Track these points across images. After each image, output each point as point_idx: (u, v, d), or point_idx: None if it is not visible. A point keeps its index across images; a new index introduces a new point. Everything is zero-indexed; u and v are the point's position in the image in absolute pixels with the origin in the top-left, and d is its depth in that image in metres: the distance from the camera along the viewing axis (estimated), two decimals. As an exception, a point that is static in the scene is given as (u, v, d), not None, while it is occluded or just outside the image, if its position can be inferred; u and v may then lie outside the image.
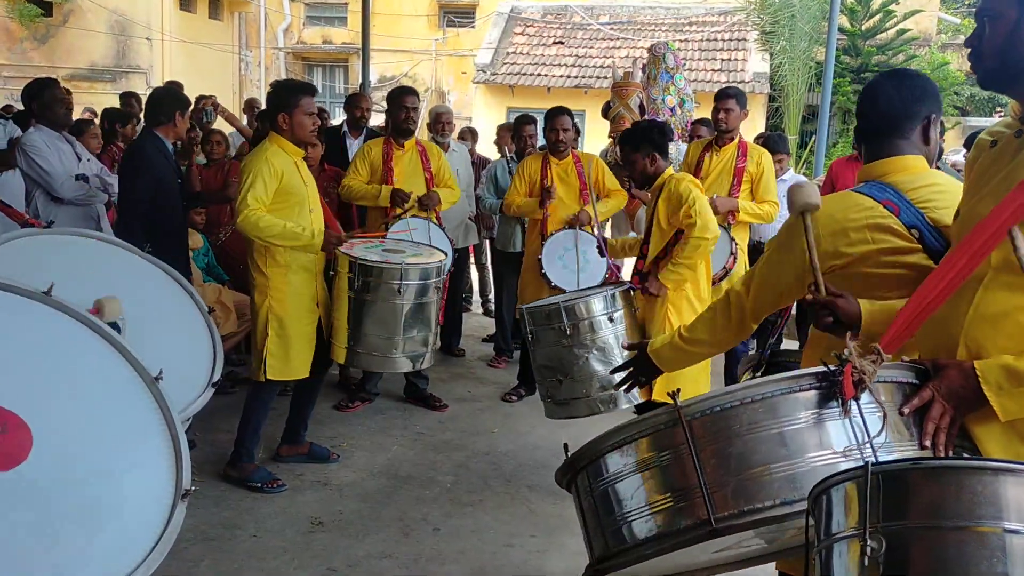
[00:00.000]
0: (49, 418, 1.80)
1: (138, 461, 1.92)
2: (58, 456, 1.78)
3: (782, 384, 1.64)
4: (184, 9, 18.89)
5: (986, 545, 1.20)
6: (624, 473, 1.76)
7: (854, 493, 1.32)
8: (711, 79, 16.27)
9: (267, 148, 3.88)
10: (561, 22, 19.41)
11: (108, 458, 1.88)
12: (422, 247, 4.46)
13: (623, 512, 1.75)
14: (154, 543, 1.79)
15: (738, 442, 1.63)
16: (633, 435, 1.74)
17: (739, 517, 1.60)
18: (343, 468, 4.30)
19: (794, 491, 1.58)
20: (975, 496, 1.22)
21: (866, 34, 16.61)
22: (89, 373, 1.99)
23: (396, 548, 3.49)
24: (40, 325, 1.97)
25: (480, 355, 6.63)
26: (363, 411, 5.17)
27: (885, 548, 1.24)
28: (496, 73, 17.52)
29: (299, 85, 4.08)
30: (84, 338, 2.01)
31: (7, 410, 1.75)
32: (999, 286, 1.71)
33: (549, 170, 5.31)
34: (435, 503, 3.94)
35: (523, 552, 3.51)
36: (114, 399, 1.98)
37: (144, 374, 2.01)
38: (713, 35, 18.25)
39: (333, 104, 19.11)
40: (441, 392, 5.46)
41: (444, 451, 4.61)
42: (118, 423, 1.96)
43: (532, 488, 4.14)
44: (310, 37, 21.43)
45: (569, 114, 5.32)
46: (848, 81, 16.41)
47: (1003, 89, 1.80)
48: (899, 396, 1.68)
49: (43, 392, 1.85)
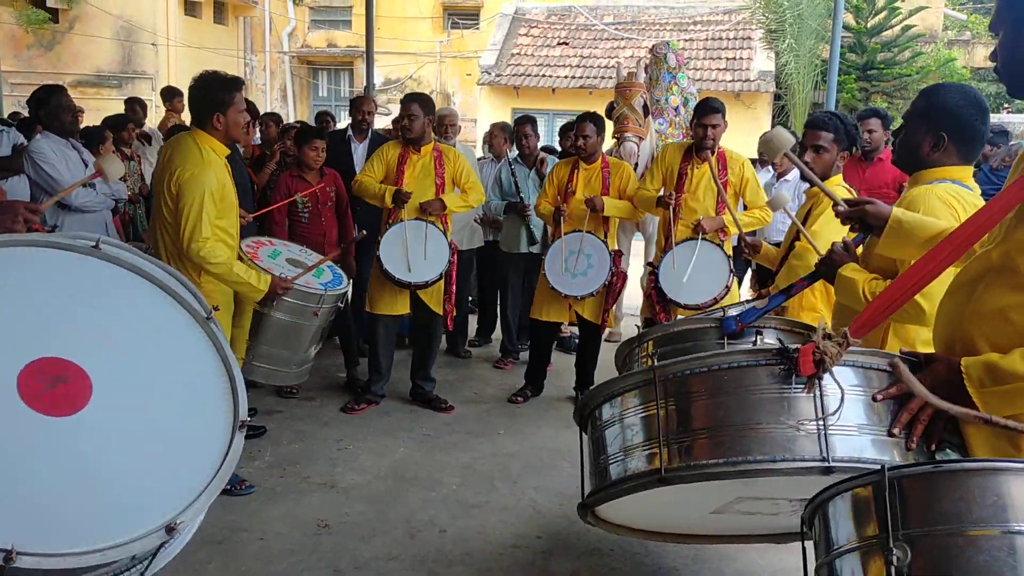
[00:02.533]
0: (107, 366, 1.88)
1: (195, 397, 2.01)
2: (118, 400, 1.87)
3: (751, 355, 1.77)
4: (189, 14, 18.97)
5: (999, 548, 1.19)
6: (611, 422, 2.00)
7: (860, 500, 1.32)
8: (716, 78, 16.26)
9: (204, 156, 3.60)
10: (565, 23, 19.40)
11: (166, 397, 1.97)
12: (314, 258, 4.45)
13: (607, 455, 2.00)
14: (215, 471, 1.89)
15: (701, 404, 1.79)
16: (619, 388, 1.99)
17: (686, 470, 1.76)
18: (349, 470, 4.31)
19: (740, 453, 1.71)
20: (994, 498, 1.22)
21: (872, 31, 16.55)
22: (144, 319, 2.07)
23: (402, 550, 3.50)
24: (93, 278, 2.05)
25: (486, 357, 6.63)
26: (369, 413, 5.18)
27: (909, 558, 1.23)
28: (500, 74, 17.53)
29: (230, 80, 3.77)
30: (136, 285, 2.09)
31: (68, 360, 1.84)
32: (997, 284, 1.72)
33: (576, 175, 5.35)
34: (441, 505, 3.95)
35: (529, 553, 3.51)
36: (169, 341, 2.07)
37: (196, 314, 2.10)
38: (718, 34, 18.22)
39: (338, 107, 19.15)
40: (447, 394, 5.47)
41: (450, 453, 4.62)
42: (174, 363, 2.04)
43: (538, 489, 4.14)
44: (315, 41, 21.48)
45: (594, 120, 5.33)
46: (854, 79, 16.37)
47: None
48: (884, 384, 1.72)
49: (100, 342, 1.93)
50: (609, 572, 3.37)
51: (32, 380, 1.78)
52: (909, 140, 2.53)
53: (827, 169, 3.61)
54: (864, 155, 6.09)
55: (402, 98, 5.25)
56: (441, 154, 5.15)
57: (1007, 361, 1.63)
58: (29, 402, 1.75)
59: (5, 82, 12.49)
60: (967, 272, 1.77)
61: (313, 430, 4.86)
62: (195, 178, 3.54)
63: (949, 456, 1.65)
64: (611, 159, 5.56)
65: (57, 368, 1.82)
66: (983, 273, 1.75)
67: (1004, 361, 1.64)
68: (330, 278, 4.30)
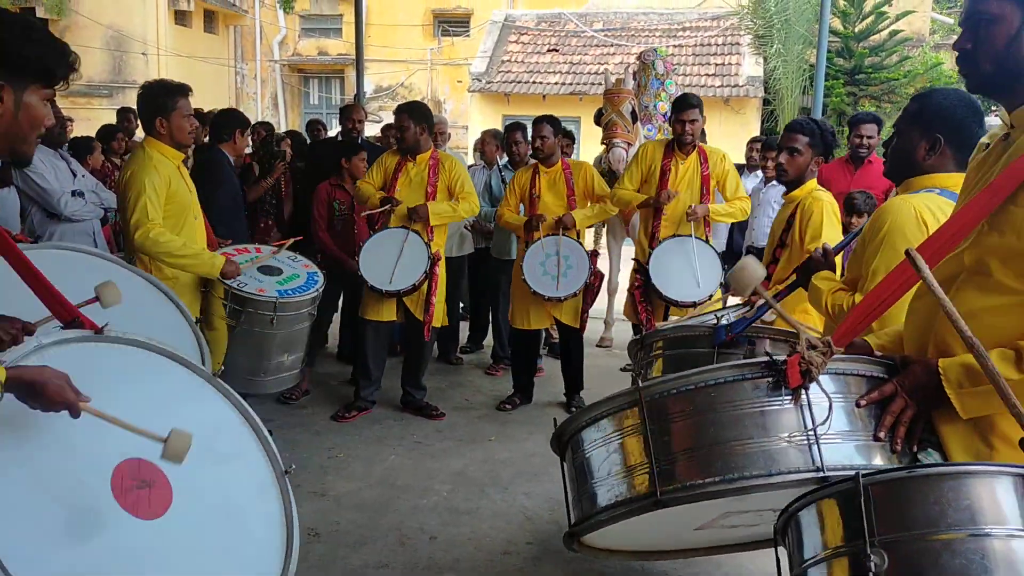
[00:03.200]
0: (190, 484, 1.92)
1: (255, 543, 2.05)
2: (190, 514, 1.90)
3: (735, 371, 1.74)
4: (179, 23, 18.97)
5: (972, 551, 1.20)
6: (595, 446, 1.94)
7: (834, 507, 1.33)
8: (705, 84, 16.32)
9: (151, 156, 3.72)
10: (555, 29, 19.44)
11: (230, 533, 2.00)
12: (298, 263, 4.41)
13: (593, 481, 1.93)
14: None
15: (690, 422, 1.75)
16: (603, 412, 1.92)
17: (682, 491, 1.72)
18: (340, 478, 4.32)
19: (734, 470, 1.68)
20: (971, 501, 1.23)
21: (859, 36, 16.62)
22: (233, 455, 2.13)
23: (393, 557, 3.51)
24: (203, 403, 2.14)
25: (478, 363, 6.65)
26: (360, 421, 5.19)
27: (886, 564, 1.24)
28: (491, 81, 17.56)
29: (174, 87, 3.86)
30: (236, 424, 2.18)
31: (156, 466, 1.88)
32: (970, 287, 1.74)
33: (538, 179, 5.36)
34: (432, 512, 3.96)
35: (520, 559, 3.53)
36: (247, 482, 2.12)
37: (277, 468, 2.16)
38: (707, 40, 18.29)
39: (330, 115, 19.15)
40: (439, 400, 5.48)
41: (441, 460, 4.63)
42: (246, 505, 2.08)
43: (529, 496, 4.16)
44: (305, 49, 21.50)
45: (550, 123, 5.35)
46: (842, 83, 16.43)
47: (994, 94, 1.81)
48: (865, 388, 1.73)
49: (191, 461, 1.95)
50: (599, 577, 3.39)
51: (125, 477, 1.83)
52: (902, 146, 2.50)
53: (801, 171, 3.72)
54: (853, 158, 6.12)
55: (396, 108, 5.28)
56: (438, 162, 5.17)
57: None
58: (118, 496, 1.79)
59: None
60: (938, 275, 1.79)
61: (305, 439, 4.87)
62: (135, 174, 3.64)
63: (932, 455, 1.67)
64: (571, 160, 5.60)
65: (147, 471, 1.87)
66: (955, 276, 1.77)
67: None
68: (300, 284, 4.21)
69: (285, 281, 4.17)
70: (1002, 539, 1.21)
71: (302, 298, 4.11)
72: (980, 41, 1.74)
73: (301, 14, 21.05)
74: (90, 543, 1.72)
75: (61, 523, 1.70)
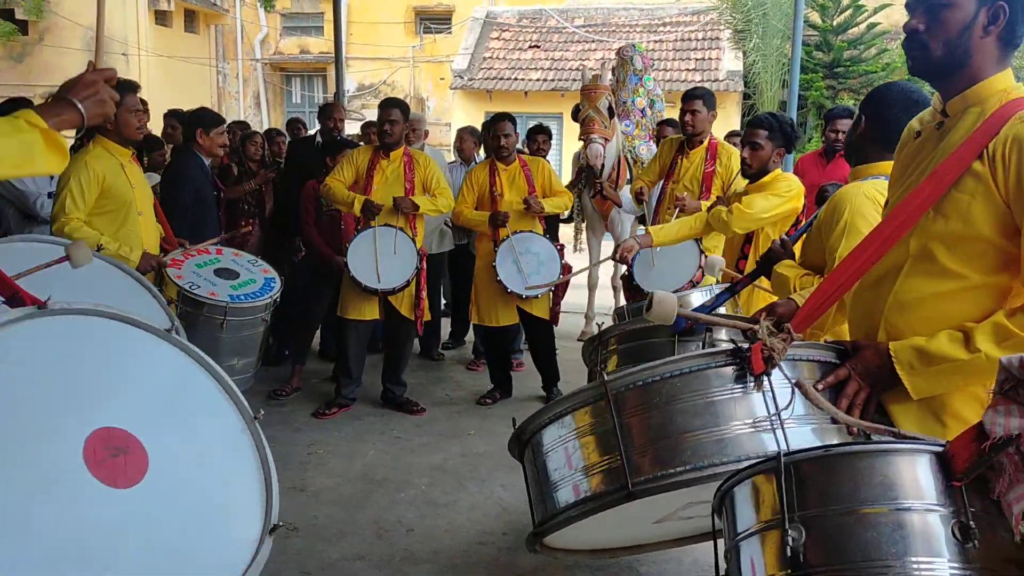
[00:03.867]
0: (164, 445, 1.93)
1: (232, 492, 2.05)
2: (167, 481, 1.90)
3: (699, 360, 1.77)
4: (160, 23, 18.88)
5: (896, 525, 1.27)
6: (559, 443, 1.92)
7: (761, 485, 1.39)
8: (686, 79, 16.38)
9: (88, 151, 3.78)
10: (536, 26, 19.48)
11: (210, 489, 2.01)
12: (257, 268, 4.42)
13: (559, 479, 1.91)
14: (246, 567, 1.93)
15: (657, 413, 1.77)
16: (567, 408, 1.91)
17: (653, 481, 1.73)
18: (319, 474, 4.36)
19: (704, 458, 1.70)
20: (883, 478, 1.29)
21: (837, 29, 16.75)
22: (201, 410, 2.13)
23: (370, 550, 3.55)
24: (162, 361, 2.12)
25: (459, 359, 6.70)
26: (341, 417, 5.23)
27: (805, 536, 1.31)
28: (473, 78, 17.58)
29: (122, 83, 3.85)
30: (199, 378, 2.17)
31: (130, 434, 1.88)
32: (917, 273, 1.80)
33: (497, 176, 5.40)
34: (410, 505, 4.01)
35: (494, 549, 3.58)
36: (220, 435, 2.12)
37: (246, 415, 2.17)
38: (687, 35, 18.38)
39: (312, 114, 19.13)
40: (419, 396, 5.53)
41: (420, 454, 4.67)
42: (222, 458, 2.09)
43: (506, 487, 4.21)
44: (287, 48, 21.44)
45: (511, 120, 5.42)
46: (821, 76, 16.56)
47: (935, 79, 1.85)
48: (819, 374, 1.79)
49: (161, 422, 1.98)
50: (572, 565, 3.44)
51: (97, 448, 1.82)
52: (849, 133, 2.67)
53: (763, 164, 3.89)
54: (827, 152, 6.20)
55: (381, 103, 5.27)
56: (411, 159, 5.19)
57: (934, 344, 1.72)
58: (93, 469, 1.78)
59: (-27, 95, 12.37)
60: (883, 264, 1.84)
61: (285, 435, 4.90)
62: (69, 167, 3.58)
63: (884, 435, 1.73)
64: (526, 156, 5.66)
65: (119, 439, 1.87)
66: (901, 264, 1.83)
67: (931, 344, 1.73)
68: (255, 290, 4.21)
69: (240, 286, 4.16)
70: (916, 512, 1.27)
71: (254, 304, 4.09)
72: (934, 24, 1.77)
73: (282, 12, 20.98)
74: (71, 524, 1.72)
75: (38, 508, 1.69)
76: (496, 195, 5.37)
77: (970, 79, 1.78)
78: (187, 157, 4.98)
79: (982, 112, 1.76)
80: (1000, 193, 1.69)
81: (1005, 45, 1.76)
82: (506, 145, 5.33)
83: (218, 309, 3.95)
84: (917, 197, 1.79)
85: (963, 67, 1.78)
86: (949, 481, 1.29)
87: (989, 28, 1.74)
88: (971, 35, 1.74)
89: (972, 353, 1.67)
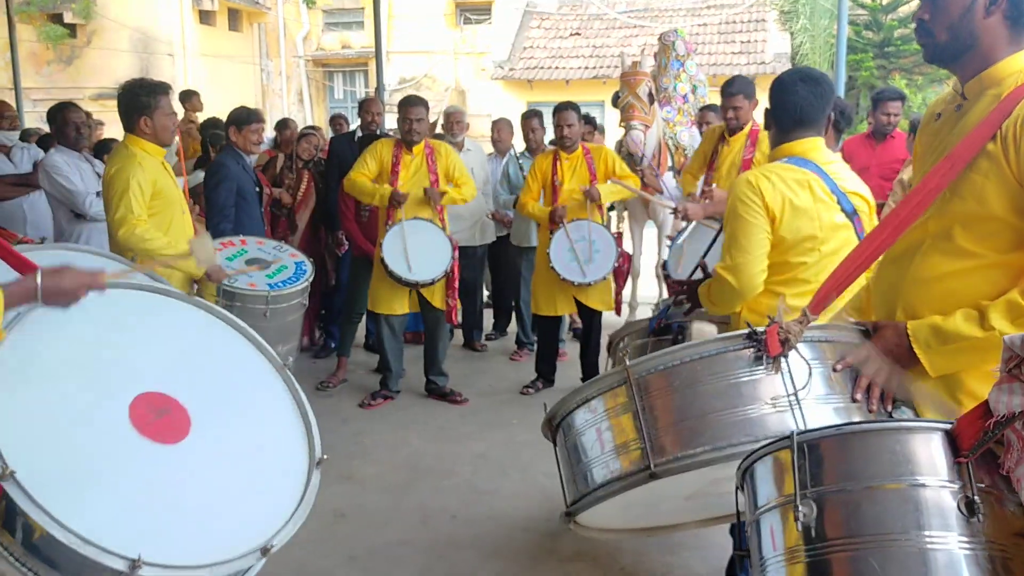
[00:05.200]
0: (202, 402, 2.08)
1: (277, 434, 2.21)
2: (213, 433, 2.06)
3: (718, 344, 1.84)
4: (204, 23, 19.22)
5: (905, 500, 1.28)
6: (586, 427, 2.01)
7: (786, 462, 1.42)
8: (731, 62, 16.22)
9: (135, 154, 3.69)
10: (577, 13, 19.41)
11: (252, 432, 2.17)
12: (284, 252, 4.48)
13: (587, 460, 2.01)
14: (298, 502, 2.07)
15: (677, 396, 1.84)
16: (593, 393, 2.00)
17: (675, 462, 1.81)
18: (366, 463, 4.44)
19: (723, 438, 1.77)
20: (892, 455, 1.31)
21: (887, 7, 16.40)
22: (231, 362, 2.28)
23: (415, 536, 3.61)
24: (186, 322, 2.28)
25: (502, 350, 6.73)
26: (386, 407, 5.30)
27: (815, 512, 1.34)
28: (514, 68, 17.60)
29: (156, 85, 3.83)
30: (224, 333, 2.32)
31: (169, 395, 2.04)
32: (934, 252, 1.82)
33: (560, 166, 5.40)
34: (453, 492, 4.06)
35: (537, 535, 3.62)
36: (253, 382, 2.28)
37: (275, 361, 2.31)
38: (732, 17, 18.14)
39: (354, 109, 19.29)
40: (463, 387, 5.57)
41: (464, 443, 4.72)
42: (258, 403, 2.25)
43: (548, 475, 4.22)
44: (329, 44, 21.66)
45: (575, 109, 5.39)
46: (871, 56, 16.22)
47: (948, 63, 1.87)
48: (838, 354, 1.81)
49: (195, 380, 2.13)
50: (614, 550, 3.46)
51: (141, 410, 1.97)
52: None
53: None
54: (876, 134, 6.09)
55: (402, 100, 5.27)
56: (432, 151, 5.22)
57: (950, 323, 1.74)
58: (141, 430, 1.94)
59: (27, 98, 12.76)
60: (904, 242, 1.86)
61: (332, 425, 4.97)
62: (120, 171, 3.63)
63: (905, 412, 1.75)
64: (590, 145, 5.63)
65: (161, 401, 2.02)
66: (919, 242, 1.85)
67: (947, 323, 1.74)
68: (289, 275, 4.30)
69: (274, 274, 4.24)
70: (929, 488, 1.30)
71: (293, 289, 4.18)
72: (937, 12, 1.80)
73: (324, 9, 21.21)
74: (134, 482, 1.86)
75: (96, 472, 1.83)
76: (557, 184, 5.37)
77: (983, 61, 1.79)
78: (226, 155, 5.08)
79: (999, 94, 1.77)
80: (1012, 172, 1.70)
81: (1014, 24, 1.77)
82: (569, 135, 5.32)
83: (259, 299, 4.03)
84: (933, 178, 1.81)
85: (972, 49, 1.80)
86: (956, 458, 1.31)
87: (991, 9, 1.75)
88: (973, 17, 1.77)
89: (987, 331, 1.69)
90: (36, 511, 1.68)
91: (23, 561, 1.74)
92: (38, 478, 1.71)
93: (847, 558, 1.28)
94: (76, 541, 1.68)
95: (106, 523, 1.74)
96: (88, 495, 1.78)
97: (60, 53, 18.21)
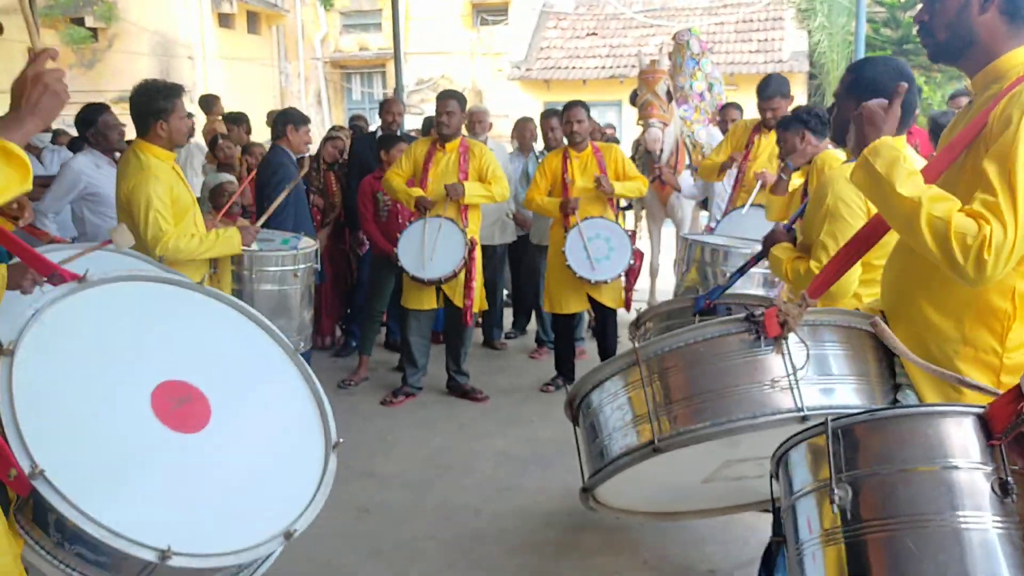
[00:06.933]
0: (221, 390, 2.12)
1: (293, 419, 2.26)
2: (233, 420, 2.10)
3: (720, 327, 1.95)
4: (223, 26, 19.36)
5: (939, 482, 1.31)
6: (601, 406, 2.15)
7: (820, 448, 1.45)
8: (748, 60, 16.17)
9: (148, 163, 3.64)
10: (593, 13, 19.40)
11: (270, 419, 2.21)
12: (275, 234, 4.63)
13: (601, 437, 2.14)
14: (317, 486, 2.12)
15: (682, 376, 1.96)
16: (606, 374, 2.14)
17: (677, 437, 1.93)
18: (388, 460, 4.48)
19: (723, 414, 1.88)
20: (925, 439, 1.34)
21: (905, 5, 16.29)
22: (245, 349, 2.33)
23: (439, 530, 3.65)
24: (197, 310, 2.32)
25: (522, 348, 6.76)
26: (407, 405, 5.34)
27: (851, 495, 1.37)
28: (531, 69, 17.62)
29: (171, 88, 3.79)
30: (236, 320, 2.36)
31: (190, 384, 2.07)
32: None
33: (569, 163, 5.43)
34: (476, 489, 4.09)
35: (560, 530, 3.64)
36: (268, 370, 2.32)
37: (287, 348, 2.36)
38: (748, 16, 18.08)
39: (372, 110, 19.38)
40: (483, 384, 5.60)
41: (485, 440, 4.76)
42: (274, 391, 2.29)
43: (570, 471, 4.22)
44: (347, 45, 21.75)
45: (583, 107, 5.42)
46: (890, 53, 16.11)
47: (952, 62, 1.92)
48: (838, 337, 1.90)
49: (213, 368, 2.17)
50: (632, 543, 3.48)
51: (163, 400, 2.00)
52: (840, 117, 2.58)
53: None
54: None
55: (439, 94, 5.36)
56: (467, 149, 5.27)
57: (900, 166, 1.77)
58: (163, 419, 1.97)
59: (51, 102, 12.85)
60: None
61: (355, 423, 5.02)
62: (137, 188, 3.59)
63: (909, 396, 1.79)
64: (599, 143, 5.66)
65: (181, 389, 2.05)
66: None
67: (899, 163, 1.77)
68: (296, 242, 4.53)
69: (285, 242, 4.44)
70: (962, 470, 1.33)
71: (309, 249, 4.41)
72: (935, 12, 1.85)
73: (342, 11, 21.29)
74: (154, 472, 1.89)
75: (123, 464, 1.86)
76: (567, 181, 5.40)
77: (985, 57, 1.83)
78: (280, 153, 5.18)
79: (1001, 87, 1.79)
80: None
81: (1012, 19, 1.80)
82: (579, 131, 5.34)
83: (288, 259, 4.22)
84: (933, 168, 1.85)
85: (972, 46, 1.83)
86: (988, 440, 1.34)
87: (986, 5, 1.78)
88: (969, 14, 1.80)
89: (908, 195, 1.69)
90: (66, 507, 1.70)
91: (54, 555, 1.78)
92: (66, 474, 1.73)
93: (883, 539, 1.32)
94: (106, 535, 1.71)
95: (134, 515, 1.78)
96: (116, 488, 1.81)
97: (82, 56, 18.40)
